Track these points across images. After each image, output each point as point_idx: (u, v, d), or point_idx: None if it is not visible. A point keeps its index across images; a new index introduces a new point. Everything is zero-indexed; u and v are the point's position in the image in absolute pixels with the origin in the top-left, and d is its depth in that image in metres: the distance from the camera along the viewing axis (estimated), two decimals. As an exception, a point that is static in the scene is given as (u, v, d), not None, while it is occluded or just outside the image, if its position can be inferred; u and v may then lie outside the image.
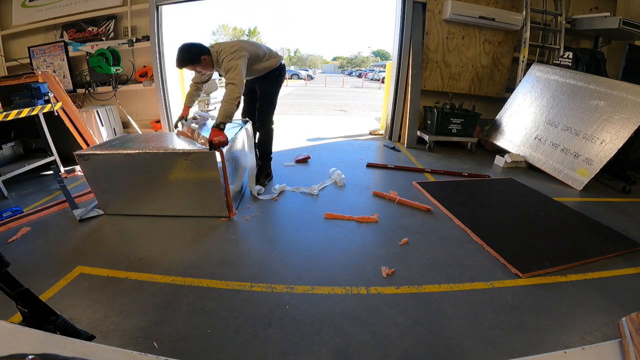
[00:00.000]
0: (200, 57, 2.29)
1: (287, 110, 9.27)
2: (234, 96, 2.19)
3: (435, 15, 4.37)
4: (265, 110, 2.79)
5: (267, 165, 3.01)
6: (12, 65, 4.52)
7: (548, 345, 1.32)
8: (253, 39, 37.31)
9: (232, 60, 2.25)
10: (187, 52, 2.26)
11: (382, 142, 4.83)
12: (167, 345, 1.26)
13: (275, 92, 2.79)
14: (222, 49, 2.33)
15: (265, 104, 2.78)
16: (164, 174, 2.16)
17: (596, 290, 1.66)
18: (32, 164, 3.04)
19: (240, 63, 2.25)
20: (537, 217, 2.47)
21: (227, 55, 2.27)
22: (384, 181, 3.22)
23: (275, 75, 2.73)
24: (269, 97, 2.78)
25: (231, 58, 2.26)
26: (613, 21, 4.04)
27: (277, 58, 2.71)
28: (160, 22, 4.36)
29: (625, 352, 0.57)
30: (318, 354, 1.25)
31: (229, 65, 2.25)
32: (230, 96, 2.19)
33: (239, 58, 2.27)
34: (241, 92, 2.27)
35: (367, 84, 23.84)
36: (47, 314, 0.82)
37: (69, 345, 0.56)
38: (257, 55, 2.53)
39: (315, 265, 1.81)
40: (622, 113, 3.05)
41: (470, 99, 4.86)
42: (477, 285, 1.67)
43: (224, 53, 2.30)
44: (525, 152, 3.78)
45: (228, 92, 2.20)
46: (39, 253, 1.89)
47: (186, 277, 1.67)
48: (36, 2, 4.36)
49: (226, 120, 2.18)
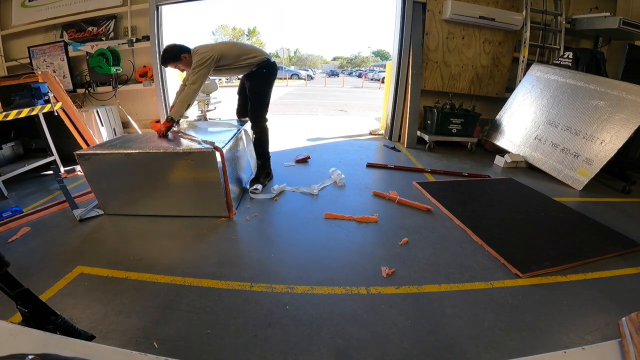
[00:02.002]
0: (180, 55, 2.50)
1: (287, 110, 9.27)
2: (189, 100, 2.46)
3: (435, 15, 4.37)
4: (256, 110, 2.78)
5: (266, 165, 3.00)
6: (12, 65, 4.52)
7: (548, 345, 1.32)
8: (253, 39, 37.34)
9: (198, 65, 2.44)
10: (168, 51, 2.50)
11: (382, 142, 4.83)
12: (167, 345, 1.26)
13: (265, 91, 2.77)
14: (197, 48, 2.52)
15: (255, 102, 2.77)
16: (164, 174, 2.16)
17: (596, 290, 1.66)
18: (32, 164, 3.04)
19: (204, 70, 2.44)
20: (537, 217, 2.47)
21: (196, 56, 2.46)
22: (384, 181, 3.23)
23: (262, 74, 2.71)
24: (258, 95, 2.76)
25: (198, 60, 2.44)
26: (613, 21, 4.04)
27: (261, 54, 2.72)
28: (160, 22, 4.37)
29: (625, 352, 0.57)
30: (318, 354, 1.25)
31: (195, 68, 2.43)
32: (185, 99, 2.45)
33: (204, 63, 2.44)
34: (195, 97, 2.52)
35: (367, 84, 23.84)
36: (47, 314, 0.82)
37: (69, 345, 0.56)
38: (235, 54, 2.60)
39: (315, 265, 1.81)
40: (622, 113, 3.05)
41: (470, 99, 4.86)
42: (477, 285, 1.67)
43: (196, 55, 2.47)
44: (525, 152, 3.78)
45: (186, 93, 2.45)
46: (39, 253, 1.89)
47: (186, 277, 1.67)
48: (36, 2, 4.36)
49: (176, 117, 2.51)
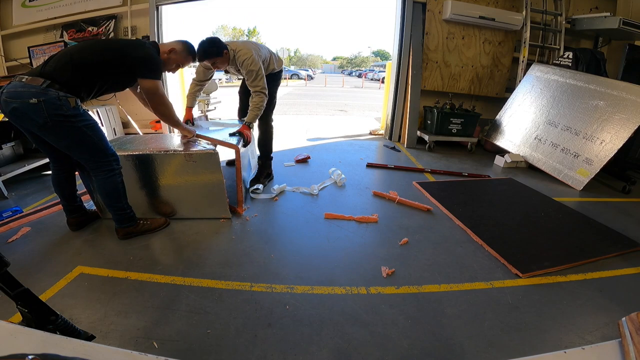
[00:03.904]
0: (223, 50, 2.35)
1: (287, 110, 9.26)
2: (261, 105, 2.44)
3: (435, 15, 4.37)
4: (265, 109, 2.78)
5: (267, 165, 3.01)
6: (12, 65, 4.52)
7: (548, 345, 1.32)
8: (253, 39, 37.33)
9: (254, 69, 2.37)
10: (212, 45, 2.31)
11: (382, 142, 4.83)
12: (167, 345, 1.26)
13: (273, 91, 2.77)
14: (238, 49, 2.40)
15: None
16: (164, 175, 2.15)
17: (596, 290, 1.66)
18: (32, 164, 3.04)
19: (262, 73, 2.41)
20: (537, 217, 2.47)
21: (247, 61, 2.36)
22: (384, 181, 3.23)
23: (273, 75, 2.72)
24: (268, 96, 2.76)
25: (251, 65, 2.36)
26: (613, 21, 4.04)
27: (280, 61, 2.75)
28: (160, 22, 4.36)
29: (625, 352, 0.57)
30: (318, 354, 1.25)
31: (252, 73, 2.38)
32: (258, 105, 2.43)
33: (260, 68, 2.39)
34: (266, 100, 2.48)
35: (367, 84, 23.85)
36: (47, 314, 0.82)
37: (69, 345, 0.56)
38: (265, 58, 2.57)
39: (315, 265, 1.81)
40: (622, 113, 3.05)
41: (470, 99, 4.86)
42: (477, 285, 1.67)
43: (242, 56, 2.37)
44: (525, 152, 3.78)
45: (257, 101, 2.43)
46: (39, 253, 1.89)
47: (186, 277, 1.66)
48: (36, 2, 4.36)
49: (254, 122, 2.51)
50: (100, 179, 1.84)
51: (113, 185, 1.87)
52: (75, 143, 1.72)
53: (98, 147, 1.78)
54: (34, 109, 1.55)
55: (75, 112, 1.66)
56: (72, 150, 1.78)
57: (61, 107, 1.60)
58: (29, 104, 1.54)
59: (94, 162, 1.80)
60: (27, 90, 1.56)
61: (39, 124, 1.59)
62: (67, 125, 1.65)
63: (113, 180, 1.86)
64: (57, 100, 1.59)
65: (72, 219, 2.12)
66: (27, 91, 1.55)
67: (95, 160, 1.80)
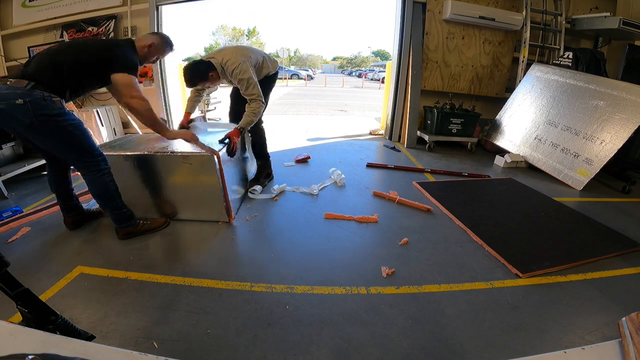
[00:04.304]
0: (208, 74, 2.33)
1: (287, 110, 9.27)
2: (258, 111, 2.39)
3: (435, 15, 4.37)
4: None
5: (266, 165, 3.00)
6: (12, 65, 4.51)
7: (548, 345, 1.32)
8: (253, 39, 37.30)
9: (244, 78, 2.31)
10: (194, 72, 2.30)
11: (382, 142, 4.83)
12: (167, 345, 1.26)
13: (266, 93, 2.71)
14: (226, 60, 2.34)
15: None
16: (162, 176, 2.14)
17: (596, 290, 1.66)
18: (32, 164, 3.04)
19: (254, 80, 2.35)
20: (537, 217, 2.47)
21: (236, 70, 2.31)
22: (384, 181, 3.23)
23: (267, 78, 2.69)
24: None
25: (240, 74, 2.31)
26: (613, 21, 4.04)
27: (274, 63, 2.72)
28: (160, 22, 4.36)
29: (625, 352, 0.57)
30: (318, 354, 1.25)
31: (243, 82, 2.32)
32: (254, 111, 2.37)
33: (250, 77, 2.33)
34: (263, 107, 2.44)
35: (367, 84, 23.85)
36: (47, 314, 0.82)
37: (69, 345, 0.56)
38: (257, 62, 2.54)
39: (315, 265, 1.81)
40: (622, 113, 3.05)
41: (470, 99, 4.86)
42: (477, 285, 1.67)
43: (230, 66, 2.32)
44: (525, 152, 3.78)
45: (254, 107, 2.37)
46: (39, 253, 1.89)
47: (186, 277, 1.66)
48: (36, 2, 4.36)
49: (246, 127, 2.40)
50: (89, 179, 1.85)
51: (103, 185, 1.88)
52: (61, 142, 1.74)
53: (84, 146, 1.79)
54: (20, 110, 1.57)
55: (60, 111, 1.68)
56: (59, 150, 1.80)
57: (47, 107, 1.62)
58: (15, 104, 1.56)
59: (81, 161, 1.81)
60: (13, 92, 1.57)
61: (25, 124, 1.60)
62: (53, 124, 1.66)
63: (102, 180, 1.87)
64: (42, 100, 1.60)
65: (69, 218, 2.12)
66: (13, 93, 1.57)
67: (82, 159, 1.80)
